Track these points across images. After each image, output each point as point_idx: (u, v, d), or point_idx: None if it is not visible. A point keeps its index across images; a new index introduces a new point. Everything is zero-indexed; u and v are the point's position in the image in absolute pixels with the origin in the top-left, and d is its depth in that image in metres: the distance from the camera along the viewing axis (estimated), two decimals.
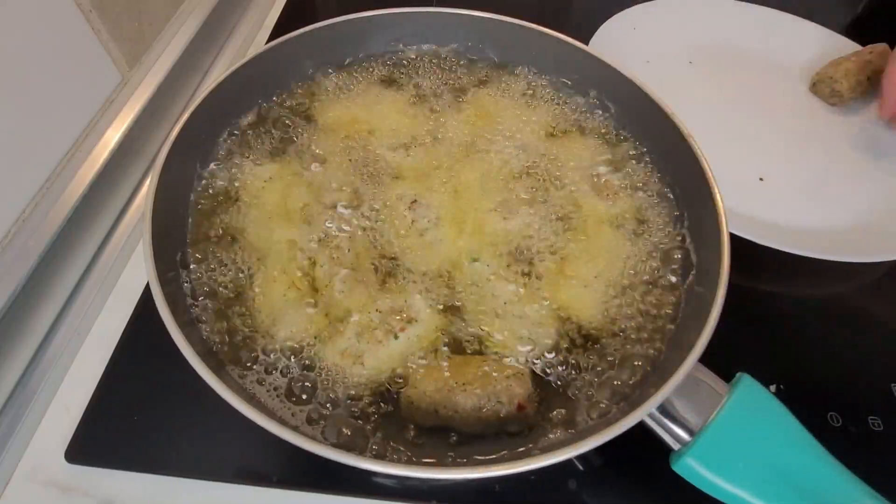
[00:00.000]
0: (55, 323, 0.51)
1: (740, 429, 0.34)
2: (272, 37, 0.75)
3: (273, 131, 0.53)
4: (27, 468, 0.43)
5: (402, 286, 0.43)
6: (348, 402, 0.39)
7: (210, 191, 0.48)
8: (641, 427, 0.35)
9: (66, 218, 0.51)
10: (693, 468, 0.34)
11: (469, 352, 0.41)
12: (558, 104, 0.56)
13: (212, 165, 0.50)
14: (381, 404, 0.39)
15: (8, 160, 0.48)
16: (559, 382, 0.40)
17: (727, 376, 0.37)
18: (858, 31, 0.79)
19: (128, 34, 0.60)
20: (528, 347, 0.41)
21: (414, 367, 0.40)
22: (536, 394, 0.40)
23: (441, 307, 0.43)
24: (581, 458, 0.44)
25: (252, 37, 0.79)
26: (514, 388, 0.39)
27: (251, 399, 0.37)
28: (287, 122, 0.54)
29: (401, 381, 0.39)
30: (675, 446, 0.36)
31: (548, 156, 0.52)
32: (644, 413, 0.33)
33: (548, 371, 0.41)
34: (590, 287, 0.44)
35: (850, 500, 0.33)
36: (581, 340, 0.42)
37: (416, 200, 0.48)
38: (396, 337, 0.40)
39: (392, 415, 0.39)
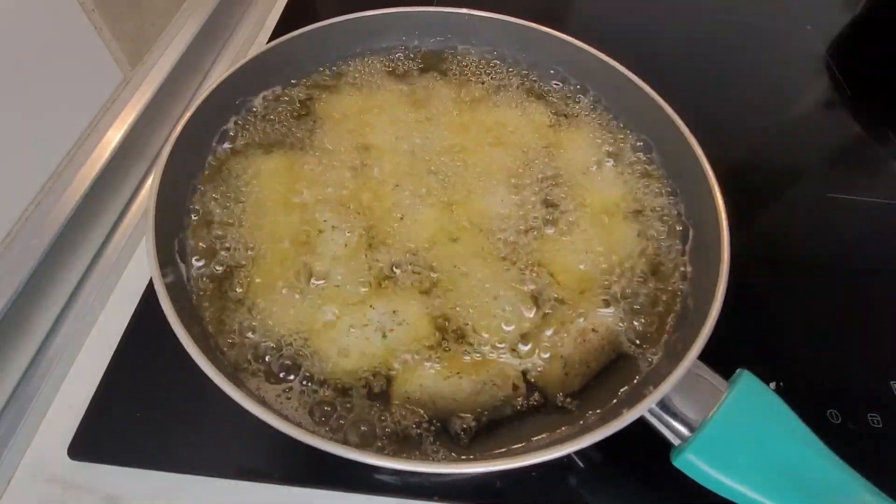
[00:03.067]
0: (58, 320, 0.51)
1: (740, 424, 0.35)
2: (273, 36, 0.75)
3: (274, 128, 0.53)
4: (30, 465, 0.44)
5: (395, 286, 0.43)
6: (347, 397, 0.39)
7: (212, 187, 0.48)
8: (642, 423, 0.35)
9: (69, 217, 0.51)
10: (693, 463, 0.35)
11: (458, 342, 0.41)
12: (557, 101, 0.57)
13: (213, 162, 0.50)
14: (378, 400, 0.39)
15: (10, 159, 0.48)
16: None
17: (727, 373, 0.37)
18: (858, 31, 0.79)
19: (130, 33, 0.60)
20: (510, 334, 0.42)
21: (407, 361, 0.40)
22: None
23: (427, 298, 0.43)
24: (581, 454, 0.44)
25: (253, 37, 0.79)
26: (506, 369, 0.40)
27: (253, 395, 0.37)
28: (288, 119, 0.54)
29: (392, 374, 0.40)
30: (676, 442, 0.36)
31: (545, 150, 0.53)
32: (644, 409, 0.34)
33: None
34: (581, 278, 0.45)
35: (849, 494, 0.33)
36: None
37: (398, 185, 0.49)
38: (385, 336, 0.41)
39: (390, 410, 0.39)
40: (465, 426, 0.38)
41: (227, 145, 0.51)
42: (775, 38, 0.82)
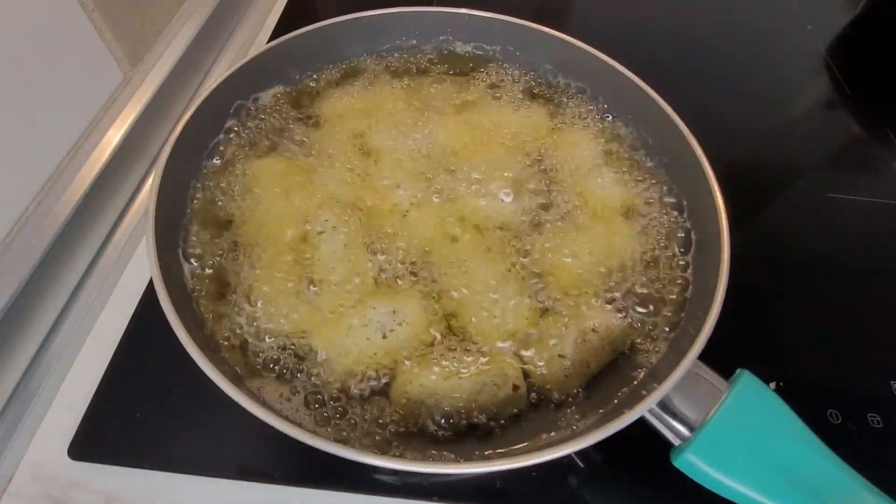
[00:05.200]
0: (58, 320, 0.51)
1: (740, 424, 0.35)
2: (273, 36, 0.75)
3: (274, 128, 0.53)
4: (30, 465, 0.44)
5: (395, 286, 0.43)
6: (347, 397, 0.39)
7: (212, 187, 0.48)
8: (642, 423, 0.35)
9: (69, 216, 0.51)
10: (693, 463, 0.35)
11: (458, 343, 0.41)
12: (556, 102, 0.57)
13: (214, 162, 0.50)
14: (378, 400, 0.39)
15: (10, 159, 0.48)
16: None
17: (727, 373, 0.37)
18: (858, 31, 0.79)
19: (130, 33, 0.60)
20: (510, 334, 0.42)
21: (407, 361, 0.40)
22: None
23: (429, 297, 0.43)
24: (582, 454, 0.44)
25: (253, 36, 0.79)
26: (507, 369, 0.40)
27: (253, 395, 0.37)
28: (288, 118, 0.54)
29: (393, 374, 0.40)
30: (676, 442, 0.36)
31: (544, 150, 0.53)
32: (644, 409, 0.34)
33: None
34: (580, 278, 0.45)
35: (849, 494, 0.33)
36: None
37: (398, 185, 0.49)
38: (385, 336, 0.41)
39: (390, 410, 0.39)
40: (464, 426, 0.38)
41: (227, 146, 0.51)
42: (775, 38, 0.82)
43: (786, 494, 0.34)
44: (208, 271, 0.43)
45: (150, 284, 0.37)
